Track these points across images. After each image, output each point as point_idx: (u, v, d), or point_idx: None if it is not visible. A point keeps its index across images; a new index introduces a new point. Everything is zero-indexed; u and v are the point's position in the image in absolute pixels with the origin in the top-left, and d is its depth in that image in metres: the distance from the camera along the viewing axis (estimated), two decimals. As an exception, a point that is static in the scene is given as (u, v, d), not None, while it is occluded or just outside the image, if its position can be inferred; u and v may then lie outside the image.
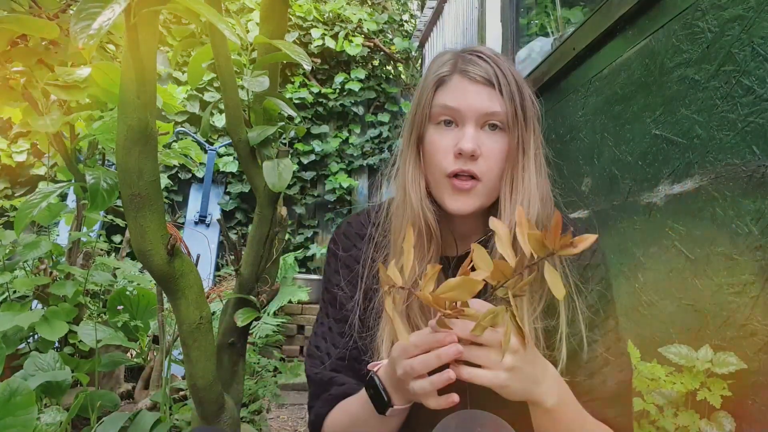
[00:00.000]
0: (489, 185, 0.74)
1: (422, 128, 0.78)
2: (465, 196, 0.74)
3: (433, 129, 0.77)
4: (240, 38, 0.87)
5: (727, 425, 0.91)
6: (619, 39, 1.47)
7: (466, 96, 0.74)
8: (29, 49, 1.05)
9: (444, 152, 0.74)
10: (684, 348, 1.00)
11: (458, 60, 0.77)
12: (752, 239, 0.97)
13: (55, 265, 1.67)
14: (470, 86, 0.74)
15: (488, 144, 0.74)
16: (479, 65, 0.75)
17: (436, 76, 0.77)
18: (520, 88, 0.76)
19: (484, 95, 0.74)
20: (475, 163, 0.73)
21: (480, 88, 0.74)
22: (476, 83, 0.74)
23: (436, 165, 0.75)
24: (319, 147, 4.55)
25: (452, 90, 0.75)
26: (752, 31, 1.00)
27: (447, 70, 0.77)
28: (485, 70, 0.74)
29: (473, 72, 0.74)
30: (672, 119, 1.22)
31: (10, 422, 0.99)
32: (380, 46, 4.79)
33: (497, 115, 0.74)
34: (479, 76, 0.74)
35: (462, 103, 0.74)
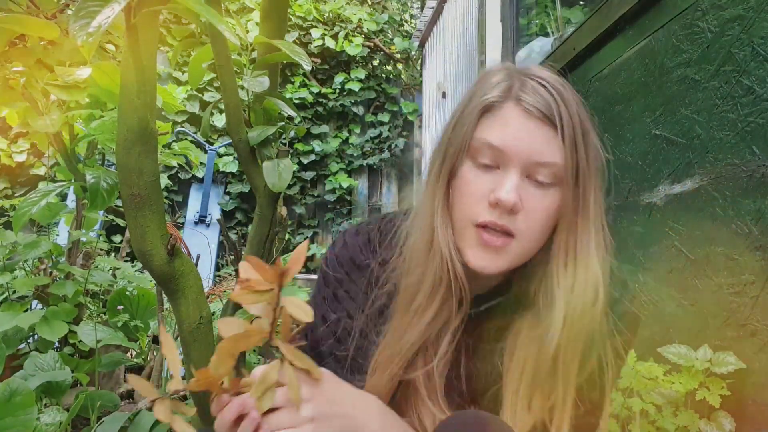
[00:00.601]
0: (525, 246, 0.61)
1: (456, 161, 0.63)
2: (493, 254, 0.61)
3: (469, 166, 0.62)
4: (240, 38, 0.87)
5: (727, 425, 0.91)
6: (619, 39, 1.47)
7: (517, 134, 0.59)
8: (28, 49, 1.05)
9: (477, 197, 0.61)
10: (683, 348, 1.00)
11: (515, 83, 0.61)
12: (752, 239, 0.97)
13: (55, 265, 1.67)
14: (524, 121, 0.59)
15: (533, 198, 0.60)
16: (541, 95, 0.59)
17: (484, 101, 0.61)
18: (586, 131, 0.61)
19: (540, 137, 0.59)
20: (513, 218, 0.59)
21: (536, 127, 0.59)
22: (532, 118, 0.59)
23: (464, 210, 0.62)
24: (319, 147, 4.55)
25: (501, 123, 0.60)
26: (752, 31, 1.00)
27: (498, 95, 0.61)
28: (547, 103, 0.59)
29: (531, 103, 0.59)
30: (672, 119, 1.22)
31: (10, 422, 0.99)
32: (380, 46, 4.79)
33: (551, 167, 0.59)
34: (538, 109, 0.59)
35: (509, 143, 0.59)
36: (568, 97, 0.60)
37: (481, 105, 0.62)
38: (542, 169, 0.59)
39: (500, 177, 0.60)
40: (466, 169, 0.62)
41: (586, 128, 0.61)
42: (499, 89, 0.61)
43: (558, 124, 0.58)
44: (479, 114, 0.62)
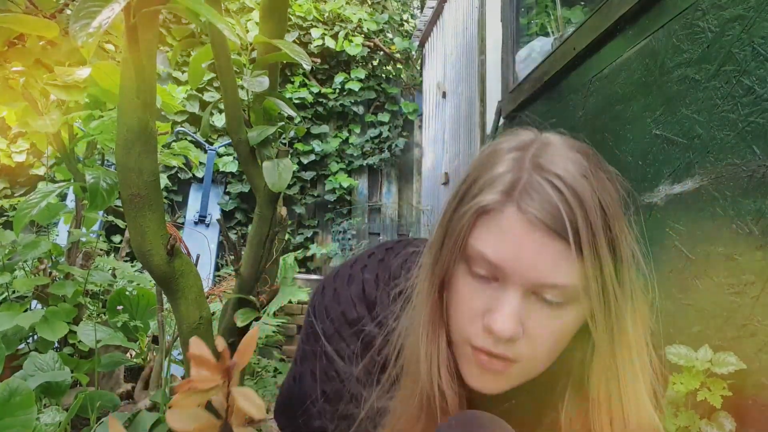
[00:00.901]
0: (531, 368, 0.52)
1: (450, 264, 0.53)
2: (492, 376, 0.52)
3: (463, 272, 0.52)
4: (240, 38, 0.86)
5: (728, 425, 0.91)
6: (620, 39, 1.47)
7: (517, 249, 0.47)
8: (27, 49, 1.05)
9: (471, 316, 0.51)
10: (683, 348, 0.99)
11: (521, 178, 0.49)
12: (753, 239, 0.97)
13: (54, 265, 1.67)
14: (526, 233, 0.47)
15: (540, 319, 0.49)
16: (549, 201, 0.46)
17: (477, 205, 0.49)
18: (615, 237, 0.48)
19: (547, 254, 0.47)
20: (513, 345, 0.49)
21: (542, 240, 0.47)
22: (537, 230, 0.47)
23: (458, 326, 0.53)
24: (319, 147, 4.55)
25: (498, 232, 0.48)
26: (753, 31, 1.00)
27: (496, 197, 0.49)
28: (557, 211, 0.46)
29: (536, 211, 0.46)
30: (672, 119, 1.22)
31: (10, 422, 0.98)
32: (380, 46, 4.79)
33: (562, 289, 0.47)
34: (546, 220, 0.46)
35: (508, 259, 0.48)
36: (587, 198, 0.47)
37: (476, 207, 0.49)
38: (550, 290, 0.48)
39: (497, 295, 0.49)
40: (460, 276, 0.52)
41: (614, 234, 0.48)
42: (500, 186, 0.49)
43: (571, 238, 0.46)
44: (475, 216, 0.50)
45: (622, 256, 0.49)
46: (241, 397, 0.47)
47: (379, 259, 0.65)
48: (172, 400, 0.45)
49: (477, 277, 0.51)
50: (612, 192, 0.50)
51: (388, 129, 4.71)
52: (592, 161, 0.51)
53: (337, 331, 0.62)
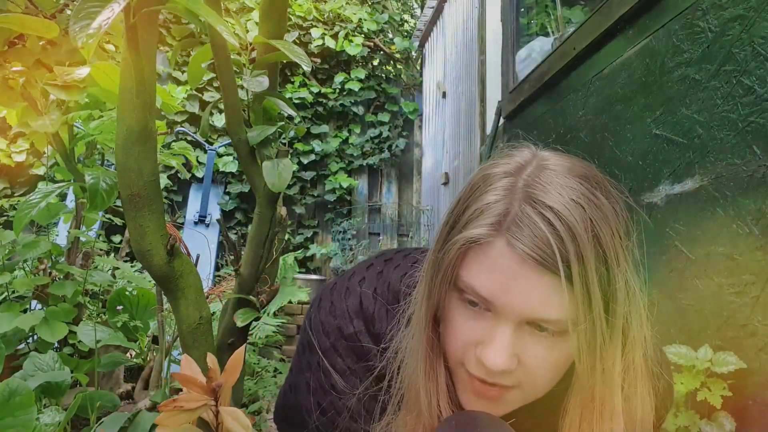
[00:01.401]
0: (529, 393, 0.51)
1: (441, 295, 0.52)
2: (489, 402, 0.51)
3: (456, 302, 0.51)
4: (239, 38, 0.86)
5: (728, 425, 0.91)
6: (620, 39, 1.47)
7: (508, 284, 0.46)
8: (27, 49, 1.05)
9: (464, 344, 0.50)
10: (683, 348, 0.99)
11: (511, 209, 0.47)
12: (753, 239, 0.97)
13: (54, 265, 1.67)
14: (517, 268, 0.45)
15: (531, 349, 0.48)
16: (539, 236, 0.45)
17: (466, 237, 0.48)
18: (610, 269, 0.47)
19: (539, 289, 0.45)
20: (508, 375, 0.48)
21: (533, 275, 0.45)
22: (527, 264, 0.45)
23: (453, 354, 0.52)
24: (319, 147, 4.55)
25: (487, 266, 0.47)
26: (753, 31, 1.00)
27: (485, 231, 0.47)
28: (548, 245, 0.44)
29: (527, 247, 0.45)
30: (672, 119, 1.22)
31: (10, 422, 0.98)
32: (380, 45, 4.79)
33: (556, 323, 0.46)
34: (536, 255, 0.44)
35: (497, 293, 0.47)
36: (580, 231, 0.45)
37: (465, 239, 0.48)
38: (540, 324, 0.47)
39: (490, 326, 0.48)
40: (453, 305, 0.51)
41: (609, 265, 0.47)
42: (490, 219, 0.47)
43: (562, 273, 0.44)
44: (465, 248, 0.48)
45: (615, 290, 0.47)
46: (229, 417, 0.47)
47: (378, 271, 0.63)
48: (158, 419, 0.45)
49: (470, 306, 0.49)
50: (611, 219, 0.49)
51: (388, 129, 4.71)
52: (591, 185, 0.49)
53: (332, 346, 0.60)
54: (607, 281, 0.46)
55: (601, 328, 0.46)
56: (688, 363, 0.96)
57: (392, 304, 0.59)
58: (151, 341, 1.86)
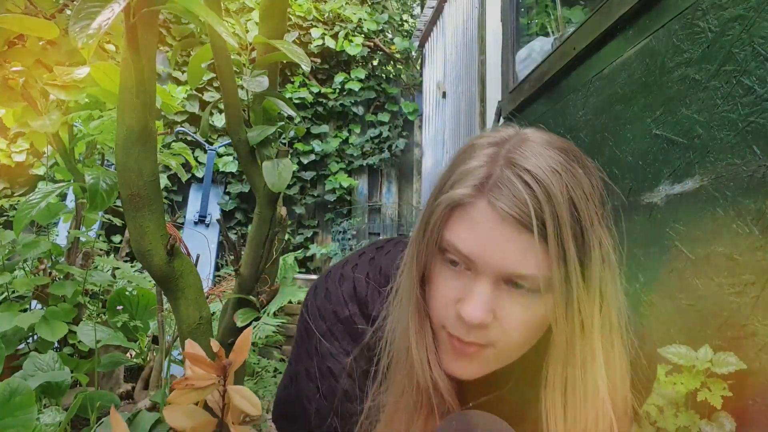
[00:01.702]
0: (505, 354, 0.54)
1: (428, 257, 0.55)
2: (467, 361, 0.54)
3: (440, 263, 0.55)
4: (239, 38, 0.86)
5: (728, 425, 0.91)
6: (620, 39, 1.47)
7: (486, 243, 0.49)
8: (27, 49, 1.05)
9: (445, 303, 0.54)
10: (683, 348, 0.99)
11: (493, 173, 0.51)
12: (753, 239, 0.97)
13: (54, 265, 1.67)
14: (496, 227, 0.49)
15: (510, 306, 0.51)
16: (518, 196, 0.48)
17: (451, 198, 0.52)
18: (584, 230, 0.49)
19: (515, 247, 0.49)
20: (484, 332, 0.51)
21: (510, 234, 0.49)
22: (506, 223, 0.49)
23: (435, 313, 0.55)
24: (319, 147, 4.55)
25: (469, 226, 0.51)
26: (753, 31, 1.00)
27: (468, 192, 0.51)
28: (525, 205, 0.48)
29: (506, 207, 0.48)
30: (672, 119, 1.22)
31: (10, 422, 0.98)
32: (380, 45, 4.79)
33: (531, 279, 0.50)
34: (514, 214, 0.48)
35: (477, 251, 0.50)
36: (556, 192, 0.48)
37: (447, 201, 0.52)
38: (517, 279, 0.50)
39: (470, 284, 0.51)
40: (437, 267, 0.55)
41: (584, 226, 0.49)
42: (473, 181, 0.51)
43: (536, 230, 0.47)
44: (449, 209, 0.52)
45: (590, 250, 0.50)
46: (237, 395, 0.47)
47: (369, 258, 0.66)
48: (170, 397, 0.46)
49: (452, 267, 0.53)
50: (587, 188, 0.51)
51: (388, 129, 4.71)
52: (569, 157, 0.52)
53: (329, 330, 0.63)
54: (581, 241, 0.49)
55: (577, 285, 0.49)
56: (688, 363, 0.96)
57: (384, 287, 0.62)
58: (151, 341, 1.86)
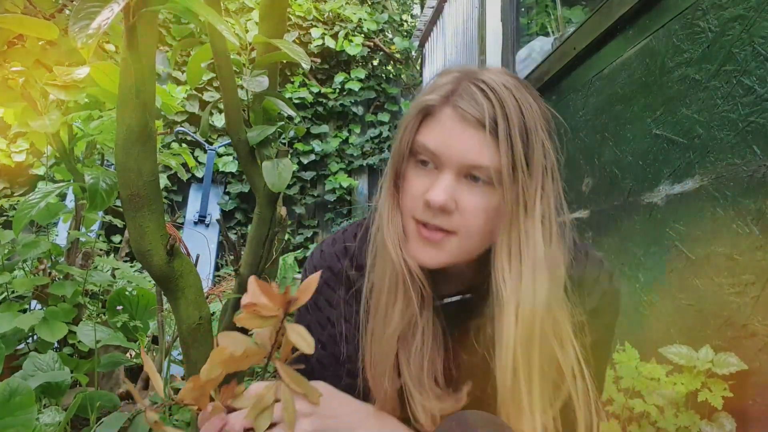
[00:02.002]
0: (466, 242, 0.62)
1: (402, 162, 0.66)
2: (432, 248, 0.62)
3: (412, 165, 0.65)
4: (239, 38, 0.86)
5: (728, 425, 0.91)
6: (620, 39, 1.47)
7: (450, 139, 0.61)
8: (26, 49, 1.05)
9: (415, 195, 0.63)
10: (684, 348, 0.99)
11: (456, 87, 0.63)
12: (753, 239, 0.97)
13: (54, 265, 1.67)
14: (458, 126, 0.60)
15: (468, 197, 0.61)
16: (476, 101, 0.60)
17: (423, 103, 0.64)
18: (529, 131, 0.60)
19: (473, 142, 0.60)
20: (447, 217, 0.61)
21: (469, 132, 0.60)
22: (467, 123, 0.60)
23: (406, 206, 0.65)
24: (319, 147, 4.55)
25: (436, 128, 0.62)
26: (753, 31, 1.00)
27: (437, 98, 0.63)
28: (481, 107, 0.59)
29: (466, 108, 0.60)
30: (672, 119, 1.22)
31: (10, 422, 0.98)
32: (380, 45, 4.79)
33: (483, 170, 0.60)
34: (472, 115, 0.59)
35: (443, 147, 0.61)
36: (507, 100, 0.60)
37: (420, 107, 0.64)
38: (473, 171, 0.61)
39: (436, 177, 0.62)
40: (409, 169, 0.65)
41: (530, 127, 0.60)
42: (440, 92, 0.63)
43: (490, 128, 0.59)
44: (420, 117, 0.64)
45: (533, 147, 0.61)
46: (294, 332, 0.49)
47: (357, 223, 0.78)
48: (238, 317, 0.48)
49: (422, 167, 0.64)
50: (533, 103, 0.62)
51: (388, 129, 4.70)
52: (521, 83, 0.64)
53: (326, 283, 0.74)
54: (526, 139, 0.60)
55: (522, 174, 0.59)
56: (689, 363, 0.96)
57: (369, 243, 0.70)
58: (150, 341, 1.86)
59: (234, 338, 0.50)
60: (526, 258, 0.60)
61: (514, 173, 0.60)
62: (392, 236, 0.65)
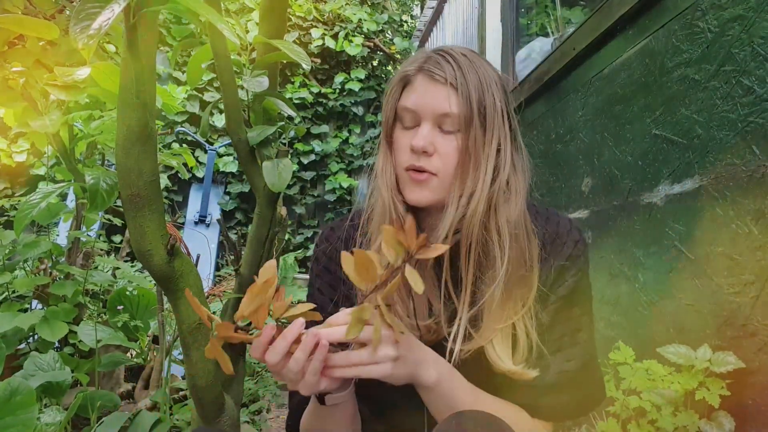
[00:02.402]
0: (445, 182, 0.77)
1: (391, 127, 0.81)
2: (420, 188, 0.77)
3: (399, 128, 0.80)
4: (239, 38, 0.87)
5: (727, 424, 0.91)
6: (619, 39, 1.47)
7: (424, 96, 0.76)
8: (26, 49, 1.05)
9: (404, 148, 0.78)
10: (682, 347, 1.00)
11: (426, 60, 0.79)
12: (752, 239, 0.97)
13: (54, 265, 1.67)
14: (430, 86, 0.76)
15: (442, 143, 0.76)
16: (443, 66, 0.76)
17: (402, 74, 0.80)
18: (484, 88, 0.76)
19: (442, 96, 0.75)
20: (429, 159, 0.76)
21: (439, 89, 0.76)
22: (436, 83, 0.76)
23: (398, 160, 0.79)
24: (319, 147, 4.55)
25: (414, 90, 0.78)
26: (752, 31, 1.00)
27: (413, 69, 0.79)
28: (447, 71, 0.76)
29: (435, 73, 0.76)
30: (672, 119, 1.22)
31: (11, 421, 0.99)
32: (380, 46, 4.79)
33: (450, 117, 0.75)
34: (440, 76, 0.76)
35: (420, 103, 0.76)
36: (466, 64, 0.77)
37: (401, 77, 0.80)
38: (446, 119, 0.75)
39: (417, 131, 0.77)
40: (396, 131, 0.80)
41: (485, 85, 0.76)
42: (415, 65, 0.79)
43: (455, 84, 0.75)
44: (401, 85, 0.80)
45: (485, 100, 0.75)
46: (410, 273, 0.58)
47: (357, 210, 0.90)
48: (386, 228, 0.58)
49: (406, 127, 0.79)
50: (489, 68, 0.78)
51: (388, 129, 4.70)
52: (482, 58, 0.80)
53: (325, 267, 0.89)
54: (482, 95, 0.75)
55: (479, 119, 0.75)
56: (687, 362, 0.96)
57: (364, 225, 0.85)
58: (151, 341, 1.86)
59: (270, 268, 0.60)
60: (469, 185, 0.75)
61: (471, 121, 0.75)
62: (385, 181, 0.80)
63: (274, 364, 0.62)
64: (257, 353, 0.64)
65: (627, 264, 1.37)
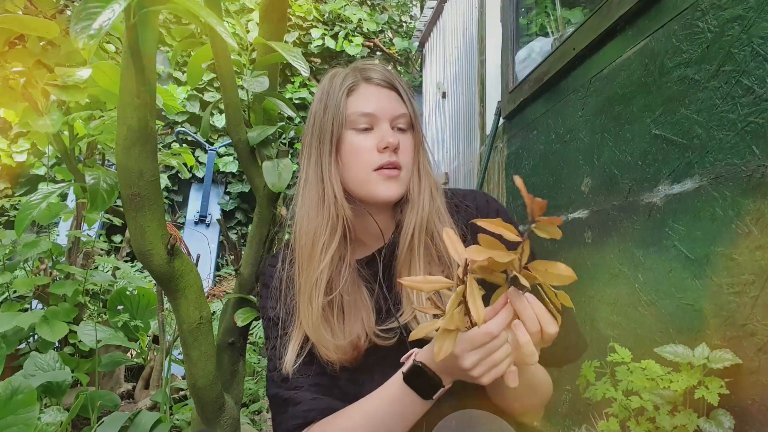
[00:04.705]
0: (408, 176, 0.84)
1: (338, 134, 0.83)
2: (394, 183, 0.81)
3: (352, 134, 0.83)
4: (239, 39, 0.87)
5: (726, 422, 0.91)
6: (619, 39, 1.47)
7: (379, 101, 0.83)
8: (27, 49, 1.05)
9: (368, 151, 0.82)
10: (680, 347, 1.00)
11: (357, 71, 0.85)
12: (752, 239, 0.97)
13: (55, 264, 1.67)
14: (379, 91, 0.83)
15: (401, 139, 0.83)
16: (379, 71, 0.85)
17: (344, 86, 0.83)
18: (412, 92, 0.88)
19: (392, 99, 0.83)
20: (398, 154, 0.82)
21: (386, 93, 0.84)
22: (383, 88, 0.84)
23: (361, 164, 0.82)
24: (319, 147, 4.55)
25: (363, 96, 0.83)
26: (752, 31, 1.00)
27: (351, 79, 0.84)
28: (385, 75, 0.84)
29: (377, 78, 0.84)
30: (672, 119, 1.22)
31: (12, 421, 0.99)
32: (380, 46, 4.80)
33: (404, 117, 0.84)
34: (383, 81, 0.84)
35: (376, 107, 0.82)
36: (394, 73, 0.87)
37: (344, 88, 0.83)
38: (401, 118, 0.83)
39: (378, 132, 0.82)
40: (349, 137, 0.83)
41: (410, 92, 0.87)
42: (352, 77, 0.84)
43: (399, 87, 0.84)
44: (345, 95, 0.83)
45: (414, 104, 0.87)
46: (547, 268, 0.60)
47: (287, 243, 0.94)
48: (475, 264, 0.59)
49: (361, 131, 0.82)
50: None
51: (388, 129, 4.71)
52: None
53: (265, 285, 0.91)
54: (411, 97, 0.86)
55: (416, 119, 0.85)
56: (685, 361, 0.96)
57: None
58: (151, 341, 1.86)
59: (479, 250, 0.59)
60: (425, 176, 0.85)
61: (415, 119, 0.85)
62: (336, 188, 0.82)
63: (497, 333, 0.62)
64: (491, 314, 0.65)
65: (627, 264, 1.37)
